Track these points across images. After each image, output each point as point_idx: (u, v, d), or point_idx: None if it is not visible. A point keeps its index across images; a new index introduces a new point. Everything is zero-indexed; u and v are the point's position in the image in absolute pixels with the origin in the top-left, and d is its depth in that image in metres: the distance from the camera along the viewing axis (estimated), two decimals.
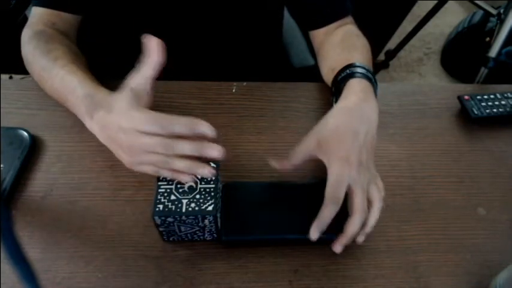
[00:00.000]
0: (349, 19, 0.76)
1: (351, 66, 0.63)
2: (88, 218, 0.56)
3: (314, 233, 0.51)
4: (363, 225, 0.52)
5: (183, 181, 0.52)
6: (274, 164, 0.57)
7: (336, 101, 0.62)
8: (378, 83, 0.65)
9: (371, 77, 0.62)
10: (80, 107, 0.57)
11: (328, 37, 0.75)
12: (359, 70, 0.62)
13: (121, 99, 0.52)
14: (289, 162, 0.56)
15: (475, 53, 1.66)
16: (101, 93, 0.57)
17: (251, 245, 0.55)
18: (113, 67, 0.81)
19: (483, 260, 0.55)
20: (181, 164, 0.50)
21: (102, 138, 0.56)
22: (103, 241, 0.54)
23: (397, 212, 0.59)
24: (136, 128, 0.50)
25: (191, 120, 0.49)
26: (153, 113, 0.50)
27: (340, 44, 0.72)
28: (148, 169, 0.52)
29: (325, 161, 0.54)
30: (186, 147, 0.49)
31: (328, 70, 0.69)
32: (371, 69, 0.64)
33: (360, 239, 0.53)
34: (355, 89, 0.59)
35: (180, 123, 0.49)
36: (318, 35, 0.77)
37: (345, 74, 0.62)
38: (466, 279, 0.53)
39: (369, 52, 0.70)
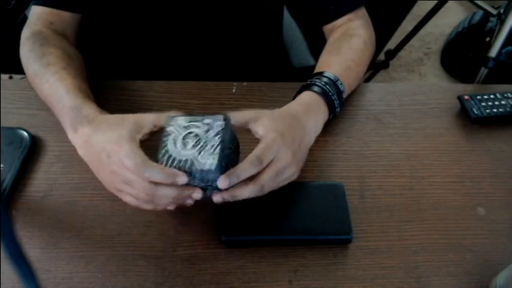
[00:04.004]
0: (354, 14, 0.74)
1: (318, 74, 0.65)
2: (88, 218, 0.56)
3: (223, 182, 0.48)
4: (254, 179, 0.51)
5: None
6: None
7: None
8: (344, 94, 0.66)
9: (328, 90, 0.63)
10: (64, 117, 0.57)
11: (331, 35, 0.75)
12: (320, 83, 0.63)
13: (119, 128, 0.51)
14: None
15: (475, 53, 1.66)
16: (88, 107, 0.56)
17: (251, 245, 0.55)
18: (113, 67, 0.82)
19: (483, 260, 0.55)
20: (164, 201, 0.50)
21: (82, 153, 0.55)
22: (103, 241, 0.54)
23: (397, 212, 0.59)
24: (121, 159, 0.49)
25: (172, 173, 0.48)
26: (140, 155, 0.48)
27: (329, 46, 0.73)
28: (127, 199, 0.51)
29: (259, 131, 0.53)
30: (168, 193, 0.48)
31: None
32: (337, 77, 0.64)
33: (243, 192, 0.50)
34: (303, 101, 0.62)
35: (160, 174, 0.47)
36: (325, 31, 0.77)
37: (309, 82, 0.64)
38: (466, 279, 0.53)
39: (357, 52, 0.70)
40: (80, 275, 0.52)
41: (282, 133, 0.53)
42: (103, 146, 0.51)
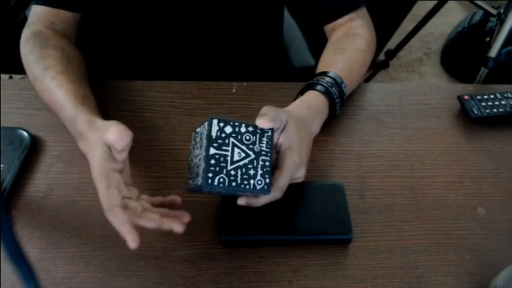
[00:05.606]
0: (355, 14, 0.74)
1: (322, 74, 0.65)
2: (88, 218, 0.56)
3: (241, 202, 0.51)
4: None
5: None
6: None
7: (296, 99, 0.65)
8: (346, 94, 0.67)
9: (333, 93, 0.63)
10: (69, 128, 0.59)
11: (332, 34, 0.75)
12: (324, 83, 0.63)
13: (95, 151, 0.50)
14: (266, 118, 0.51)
15: (475, 53, 1.66)
16: (82, 118, 0.55)
17: (251, 245, 0.55)
18: (113, 67, 0.82)
19: (483, 260, 0.55)
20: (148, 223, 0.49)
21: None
22: (103, 241, 0.54)
23: (397, 212, 0.59)
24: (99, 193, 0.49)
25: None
26: (105, 197, 0.48)
27: (332, 44, 0.73)
28: None
29: (282, 145, 0.53)
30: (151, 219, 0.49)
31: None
32: (342, 79, 0.65)
33: None
34: (309, 103, 0.62)
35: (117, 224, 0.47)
36: (327, 31, 0.77)
37: (312, 82, 0.64)
38: (466, 279, 0.53)
39: (360, 52, 0.70)
40: (80, 275, 0.52)
41: (300, 153, 0.53)
42: (94, 172, 0.51)
